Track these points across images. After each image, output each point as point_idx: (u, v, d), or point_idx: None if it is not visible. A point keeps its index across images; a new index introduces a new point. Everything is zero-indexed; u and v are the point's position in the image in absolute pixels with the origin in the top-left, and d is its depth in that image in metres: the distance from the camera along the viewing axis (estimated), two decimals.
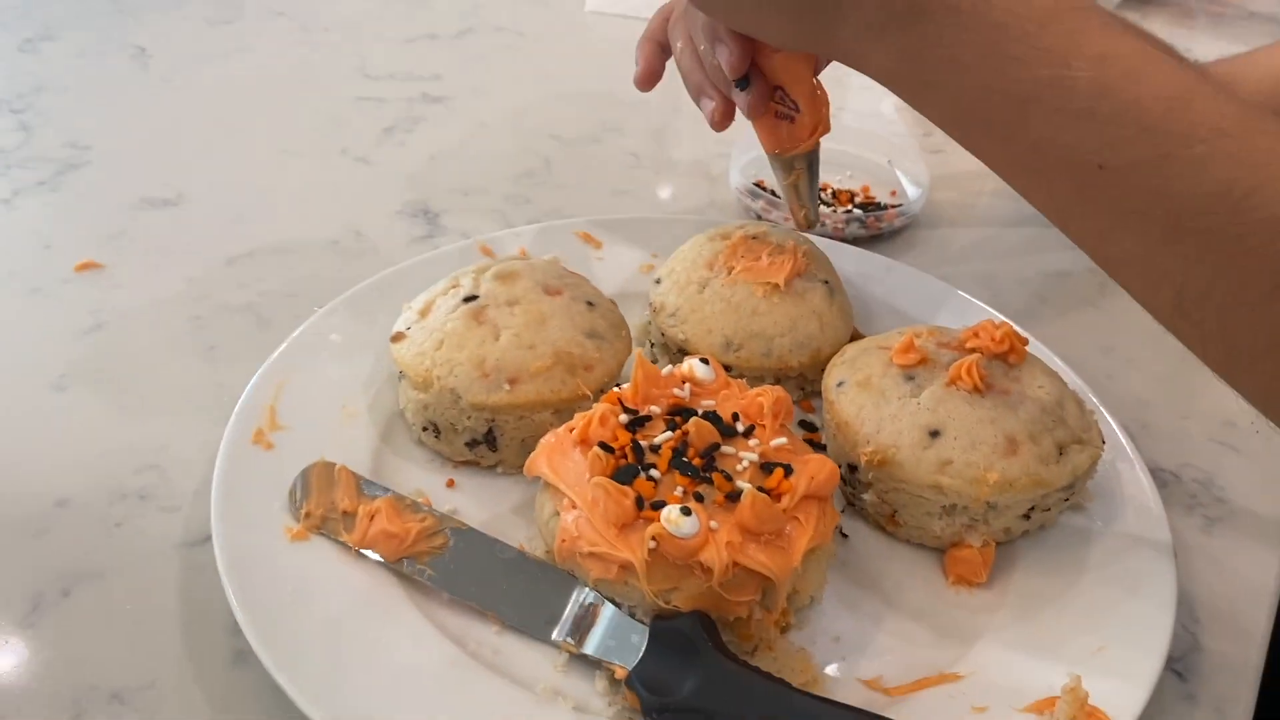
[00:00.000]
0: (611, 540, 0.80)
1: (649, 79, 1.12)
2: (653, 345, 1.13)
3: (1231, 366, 0.73)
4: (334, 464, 0.93)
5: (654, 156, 1.55)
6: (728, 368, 0.97)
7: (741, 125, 1.06)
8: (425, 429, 1.00)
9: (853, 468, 0.96)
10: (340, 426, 1.00)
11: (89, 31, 1.76)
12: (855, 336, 1.12)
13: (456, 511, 0.95)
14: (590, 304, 1.03)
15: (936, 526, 0.93)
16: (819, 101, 1.00)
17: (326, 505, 0.90)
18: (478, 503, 0.97)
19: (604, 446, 0.84)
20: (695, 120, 1.06)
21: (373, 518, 0.88)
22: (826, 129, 1.01)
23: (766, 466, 0.84)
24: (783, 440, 0.87)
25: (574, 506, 0.83)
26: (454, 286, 1.04)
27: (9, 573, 0.89)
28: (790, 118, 1.00)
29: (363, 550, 0.87)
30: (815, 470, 0.84)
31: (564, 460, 0.86)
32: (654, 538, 0.78)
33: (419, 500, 0.93)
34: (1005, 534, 0.94)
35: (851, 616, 0.90)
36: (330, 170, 1.47)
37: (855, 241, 1.33)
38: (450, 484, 0.99)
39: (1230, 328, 0.70)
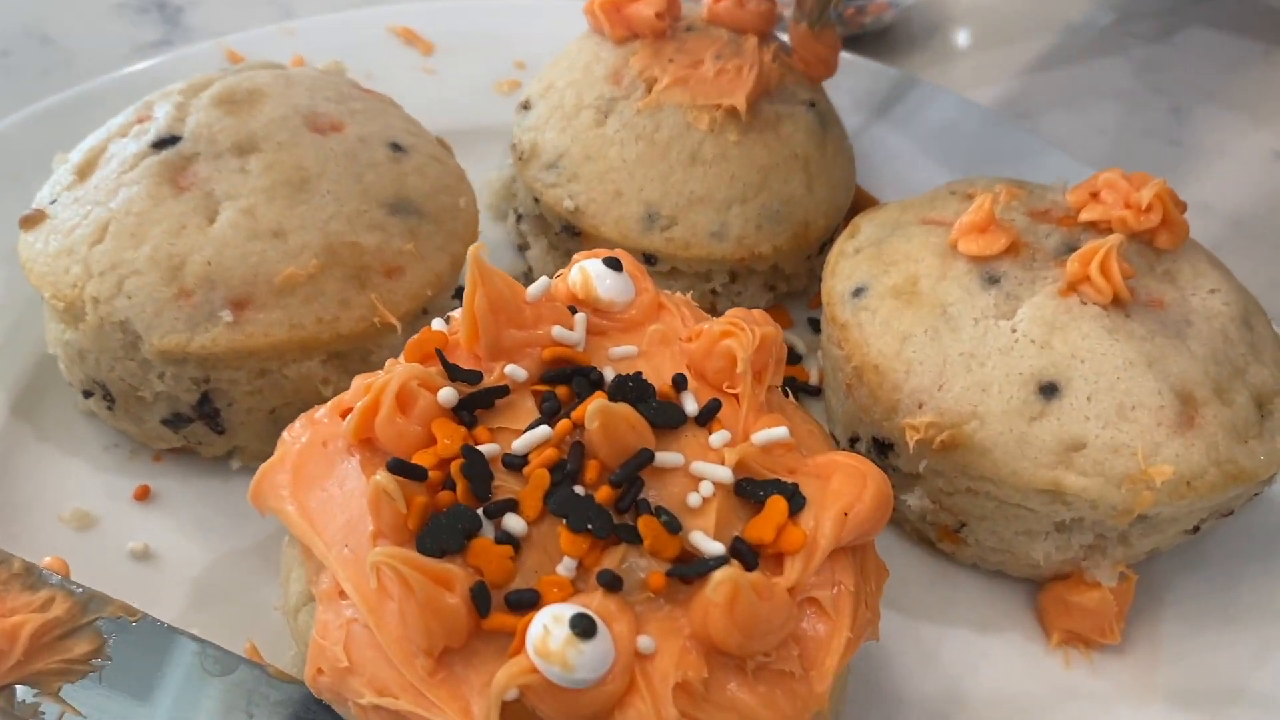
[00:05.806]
0: (418, 684, 0.36)
1: None
2: (519, 218, 0.67)
3: None
4: None
5: None
6: (649, 259, 0.63)
7: None
8: (88, 394, 0.53)
9: (884, 444, 0.53)
10: None
11: None
12: (863, 200, 0.69)
13: (148, 552, 0.51)
14: (397, 147, 0.57)
15: (1037, 551, 0.53)
16: None
17: None
18: (190, 535, 0.57)
19: (403, 468, 0.38)
20: None
21: None
22: None
23: (750, 491, 0.40)
24: (780, 431, 0.42)
25: (342, 595, 0.38)
26: (142, 120, 0.56)
27: None
28: None
29: None
30: (849, 494, 0.40)
31: (323, 484, 0.41)
32: (519, 687, 0.34)
33: (47, 556, 0.47)
34: (1148, 557, 0.53)
35: None
36: None
37: None
38: (142, 494, 0.53)
39: None
